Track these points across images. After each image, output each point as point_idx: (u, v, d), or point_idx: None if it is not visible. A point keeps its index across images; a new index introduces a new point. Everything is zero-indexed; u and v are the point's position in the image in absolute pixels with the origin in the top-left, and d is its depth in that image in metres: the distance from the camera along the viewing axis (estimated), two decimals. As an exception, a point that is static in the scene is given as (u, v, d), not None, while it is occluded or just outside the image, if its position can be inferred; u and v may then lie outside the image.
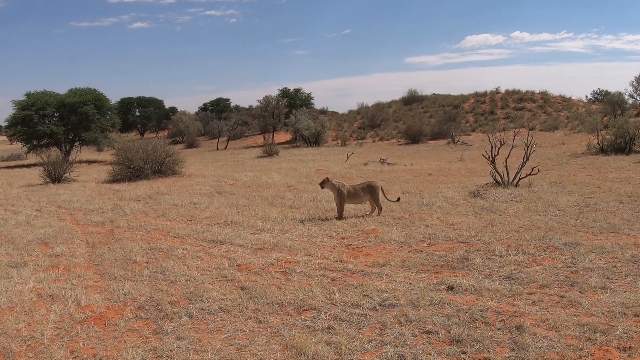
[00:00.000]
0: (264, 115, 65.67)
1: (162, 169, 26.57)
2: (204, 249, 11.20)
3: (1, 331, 7.25)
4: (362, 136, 58.00)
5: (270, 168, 30.27)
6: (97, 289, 8.90)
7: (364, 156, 36.17)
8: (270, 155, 41.39)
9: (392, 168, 27.20)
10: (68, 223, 14.81)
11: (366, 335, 6.63)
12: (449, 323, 6.82)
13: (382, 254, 10.23)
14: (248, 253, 10.72)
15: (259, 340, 6.65)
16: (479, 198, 15.65)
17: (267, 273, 9.32)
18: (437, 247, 10.57)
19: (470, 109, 60.72)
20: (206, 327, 7.13)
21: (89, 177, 28.91)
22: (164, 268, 9.81)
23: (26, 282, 9.33)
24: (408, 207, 14.81)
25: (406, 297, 7.79)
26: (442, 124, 52.28)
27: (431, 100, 67.72)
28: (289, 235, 12.15)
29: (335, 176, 22.73)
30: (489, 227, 11.98)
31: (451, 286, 8.13)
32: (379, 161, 30.69)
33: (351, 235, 11.94)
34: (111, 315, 7.63)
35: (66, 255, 11.20)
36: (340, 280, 8.77)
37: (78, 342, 6.84)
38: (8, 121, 45.21)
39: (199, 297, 8.21)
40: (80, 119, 44.51)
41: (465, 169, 25.14)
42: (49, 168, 26.44)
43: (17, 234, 13.36)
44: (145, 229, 13.54)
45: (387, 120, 62.32)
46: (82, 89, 47.02)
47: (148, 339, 6.84)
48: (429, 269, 9.19)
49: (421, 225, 12.47)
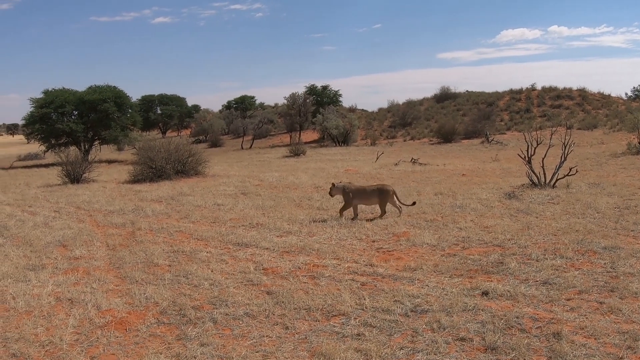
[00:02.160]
0: (291, 113, 65.67)
1: (185, 169, 26.63)
2: (229, 252, 11.24)
3: (19, 336, 7.33)
4: (393, 135, 57.87)
5: (297, 168, 30.31)
6: (118, 292, 8.97)
7: (394, 156, 36.14)
8: (297, 155, 41.43)
9: (424, 168, 27.14)
10: (88, 225, 14.92)
11: (397, 342, 6.63)
12: (483, 330, 6.80)
13: (413, 257, 10.22)
14: (274, 256, 10.75)
15: (286, 347, 6.67)
16: (515, 200, 15.57)
17: (294, 277, 9.34)
18: (471, 250, 10.53)
19: (505, 107, 60.22)
20: (231, 332, 7.17)
21: (109, 177, 29.11)
22: (187, 271, 9.86)
23: (44, 286, 9.41)
24: (441, 209, 14.77)
25: (439, 302, 7.79)
26: (476, 123, 52.02)
27: (464, 97, 67.34)
28: (317, 238, 12.15)
29: (365, 177, 22.82)
30: (525, 230, 11.92)
31: (486, 291, 8.11)
32: (411, 161, 30.64)
33: (381, 238, 11.93)
34: (132, 320, 7.69)
35: (86, 258, 11.30)
36: (371, 285, 8.77)
37: (98, 347, 6.90)
38: (26, 119, 45.61)
39: (223, 302, 8.24)
40: (100, 117, 44.82)
41: (500, 169, 25.06)
42: (67, 168, 26.62)
43: (35, 236, 13.49)
44: (167, 231, 13.62)
45: (419, 119, 62.10)
46: (102, 86, 47.36)
47: (171, 344, 6.89)
48: (463, 273, 9.17)
49: (454, 228, 12.44)
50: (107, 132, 45.25)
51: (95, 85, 47.52)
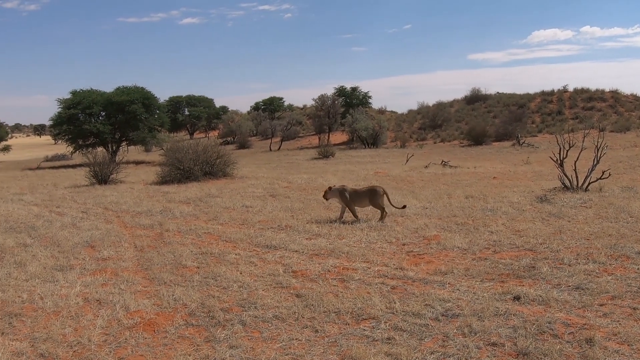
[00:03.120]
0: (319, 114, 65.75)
1: (213, 170, 26.76)
2: (258, 254, 11.26)
3: (47, 336, 7.39)
4: (423, 137, 57.80)
5: (326, 170, 30.38)
6: (146, 294, 9.02)
7: (424, 158, 36.11)
8: (326, 157, 41.50)
9: (454, 171, 27.08)
10: (115, 226, 15.02)
11: (428, 346, 6.62)
12: (515, 335, 6.77)
13: (444, 261, 10.19)
14: (303, 259, 10.76)
15: (316, 350, 6.68)
16: (547, 203, 15.47)
17: (324, 280, 9.35)
18: (502, 254, 10.48)
19: (536, 109, 59.99)
20: (260, 335, 7.18)
21: (137, 178, 29.30)
22: (215, 273, 9.89)
23: (72, 286, 9.49)
24: (471, 212, 14.73)
25: (470, 307, 7.76)
26: (507, 125, 51.87)
27: (495, 99, 67.11)
28: (346, 240, 12.15)
29: (395, 179, 22.80)
30: (557, 234, 11.85)
31: (517, 296, 8.07)
32: (441, 164, 30.63)
33: (412, 241, 11.90)
34: (161, 322, 7.74)
35: (114, 259, 11.38)
36: (401, 289, 8.76)
37: (126, 348, 6.95)
38: (53, 120, 45.95)
39: (252, 304, 8.26)
40: (127, 118, 45.09)
41: (531, 173, 24.96)
42: (95, 169, 26.85)
43: (63, 236, 13.60)
44: (195, 232, 13.67)
45: (449, 121, 62.01)
46: (129, 87, 47.66)
47: (199, 346, 6.92)
48: (494, 277, 9.13)
49: (485, 232, 12.39)
50: (134, 133, 45.51)
51: (123, 87, 47.88)
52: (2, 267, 10.91)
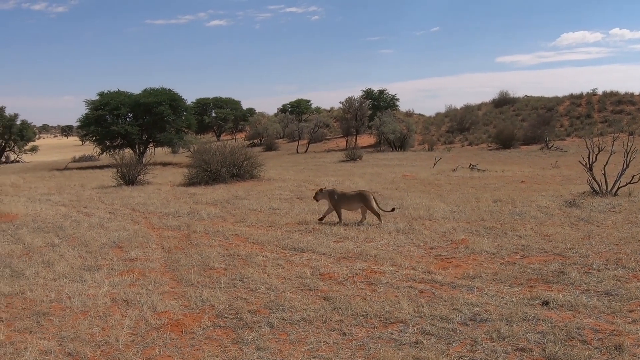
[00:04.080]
0: (347, 117, 65.75)
1: (240, 172, 26.80)
2: (285, 257, 11.28)
3: (75, 335, 7.46)
4: (450, 140, 57.67)
5: (354, 173, 30.38)
6: (174, 295, 9.08)
7: (452, 161, 36.04)
8: (353, 160, 41.50)
9: (482, 174, 27.02)
10: (143, 227, 15.11)
11: (456, 351, 6.61)
12: (543, 340, 6.74)
13: (472, 265, 10.17)
14: (331, 262, 10.77)
15: (343, 354, 6.69)
16: (575, 208, 15.40)
17: (352, 283, 9.35)
18: (530, 259, 10.44)
19: (565, 112, 59.56)
20: (287, 337, 7.20)
21: (164, 179, 29.41)
22: (243, 275, 9.92)
23: (100, 286, 9.56)
24: (500, 216, 14.68)
25: (498, 311, 7.74)
26: (535, 128, 51.64)
27: (523, 102, 66.74)
28: (374, 244, 12.15)
29: (422, 183, 22.78)
30: (586, 239, 11.78)
31: (546, 301, 8.04)
32: (469, 167, 30.53)
33: (440, 245, 11.89)
34: (188, 323, 7.78)
35: (141, 260, 11.45)
36: (429, 293, 8.75)
37: (154, 349, 7.00)
38: (81, 121, 46.21)
39: (280, 307, 8.28)
40: (154, 120, 45.26)
41: (560, 176, 24.87)
42: (122, 170, 26.99)
43: (91, 237, 13.70)
44: (223, 234, 13.70)
45: (477, 124, 61.79)
46: (157, 88, 47.81)
47: (227, 348, 6.95)
48: (523, 282, 9.10)
49: (514, 236, 12.34)
50: (161, 135, 45.65)
51: (150, 88, 48.01)
52: (30, 267, 11.01)
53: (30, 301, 8.94)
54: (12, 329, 7.80)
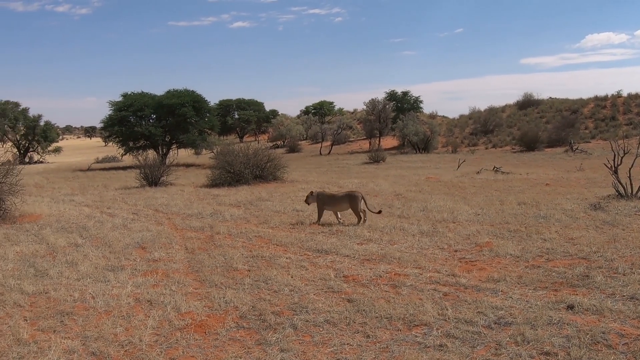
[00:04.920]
0: (370, 119, 65.73)
1: (263, 174, 26.92)
2: (309, 259, 11.29)
3: (98, 335, 7.51)
4: (474, 142, 57.55)
5: (377, 175, 30.35)
6: (197, 295, 9.10)
7: (476, 164, 35.92)
8: (377, 162, 41.47)
9: (506, 177, 26.90)
10: (166, 227, 15.18)
11: (480, 354, 6.59)
12: (568, 345, 6.71)
13: (497, 268, 10.13)
14: (355, 264, 10.76)
15: (367, 356, 6.68)
16: (600, 211, 15.31)
17: (376, 285, 9.34)
18: (555, 262, 10.40)
19: (589, 114, 59.20)
20: (311, 339, 7.20)
21: (187, 180, 29.53)
22: (266, 277, 9.94)
23: (124, 286, 9.62)
24: (524, 219, 14.62)
25: (523, 315, 7.71)
26: (559, 130, 51.43)
27: (548, 104, 66.49)
28: (398, 246, 12.13)
29: (446, 185, 22.72)
30: (611, 242, 11.71)
31: (571, 305, 8.00)
32: (493, 169, 30.41)
33: (464, 247, 11.86)
34: (212, 324, 7.80)
35: (164, 260, 11.50)
36: (453, 295, 8.73)
37: (177, 349, 7.02)
38: (104, 122, 46.40)
39: (303, 308, 8.29)
40: (178, 121, 45.37)
41: (584, 179, 24.71)
42: (145, 171, 27.16)
43: (114, 237, 13.77)
44: (246, 235, 13.75)
45: (501, 126, 61.55)
46: (180, 90, 47.93)
47: (250, 349, 6.96)
48: (547, 286, 9.06)
49: (538, 239, 12.29)
50: (185, 136, 45.74)
51: (173, 90, 48.14)
52: (54, 266, 11.09)
53: (54, 300, 9.01)
54: (36, 328, 7.86)
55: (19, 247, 13.01)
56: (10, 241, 13.68)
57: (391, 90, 75.31)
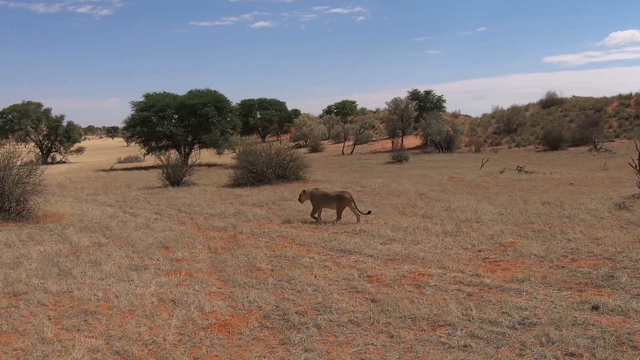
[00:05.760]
0: (393, 118, 65.61)
1: (286, 174, 26.96)
2: (332, 258, 11.32)
3: (122, 334, 7.55)
4: (497, 142, 57.25)
5: (400, 175, 30.28)
6: (221, 295, 9.14)
7: (499, 163, 35.75)
8: (400, 161, 41.35)
9: (530, 177, 26.78)
10: (189, 227, 15.24)
11: (505, 355, 6.58)
12: (593, 346, 6.69)
13: (521, 268, 10.11)
14: (378, 264, 10.77)
15: (391, 356, 6.68)
16: (625, 211, 15.25)
17: (399, 285, 9.35)
18: (580, 263, 10.37)
19: (613, 113, 58.47)
20: (335, 339, 7.22)
21: (209, 180, 29.57)
22: (290, 277, 9.97)
23: (147, 286, 9.67)
24: (548, 219, 14.60)
25: (547, 315, 7.70)
26: (583, 129, 50.98)
27: (571, 103, 65.82)
28: (422, 246, 12.13)
29: (469, 185, 22.67)
30: (636, 242, 11.67)
31: (596, 306, 7.97)
32: (516, 169, 30.29)
33: (488, 248, 11.85)
34: (236, 323, 7.83)
35: (188, 260, 11.55)
36: (477, 296, 8.73)
37: (201, 349, 7.06)
38: (126, 122, 46.55)
39: (327, 308, 8.31)
40: (200, 121, 45.44)
41: (609, 179, 24.58)
42: (168, 171, 27.24)
43: (137, 237, 13.85)
44: (269, 235, 13.79)
45: (524, 125, 61.13)
46: (202, 90, 47.98)
47: (274, 349, 6.99)
48: (572, 286, 9.04)
49: (562, 239, 12.26)
50: (207, 136, 45.80)
51: (195, 90, 48.22)
52: (77, 266, 11.17)
53: (77, 300, 9.07)
54: (60, 327, 7.91)
55: (43, 246, 13.10)
56: (33, 241, 13.77)
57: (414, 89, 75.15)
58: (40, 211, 17.70)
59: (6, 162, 17.27)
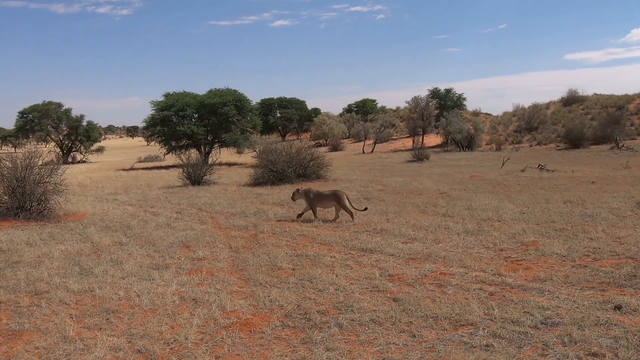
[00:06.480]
0: (413, 117, 65.70)
1: (306, 172, 27.00)
2: (353, 258, 11.32)
3: (144, 333, 7.59)
4: (518, 140, 57.19)
5: (421, 173, 30.26)
6: (242, 294, 9.17)
7: (520, 162, 35.66)
8: (420, 160, 41.34)
9: (551, 175, 26.75)
10: (210, 226, 15.28)
11: (527, 355, 6.57)
12: (616, 346, 6.66)
13: (543, 268, 10.08)
14: (400, 263, 10.77)
15: (413, 356, 6.68)
16: (648, 209, 15.15)
17: (421, 285, 9.35)
18: (602, 262, 10.32)
19: (635, 111, 58.16)
20: (357, 338, 7.22)
21: (230, 179, 29.65)
22: (311, 276, 9.98)
23: (168, 285, 9.71)
24: (570, 218, 14.55)
25: (570, 315, 7.67)
26: (605, 127, 50.82)
27: (592, 100, 65.69)
28: (443, 245, 12.12)
29: (491, 183, 22.63)
30: (659, 241, 11.61)
31: (618, 305, 7.94)
32: (538, 167, 30.22)
33: (509, 247, 11.82)
34: (257, 322, 7.85)
35: (209, 259, 11.59)
36: (499, 295, 8.71)
37: (223, 348, 7.08)
38: (146, 122, 46.77)
39: (349, 307, 8.32)
40: (220, 120, 45.55)
41: (631, 177, 24.50)
42: (188, 170, 27.32)
43: (158, 236, 13.90)
44: (290, 234, 13.81)
45: (545, 123, 61.05)
46: (222, 89, 48.11)
47: (296, 348, 7.00)
48: (594, 286, 9.01)
49: (585, 238, 12.21)
50: (227, 135, 45.92)
51: (215, 89, 48.34)
52: (98, 265, 11.23)
53: (99, 299, 9.12)
54: (81, 326, 7.96)
55: (64, 245, 13.16)
56: (55, 240, 13.85)
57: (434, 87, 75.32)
58: (61, 210, 17.82)
59: (27, 161, 17.39)
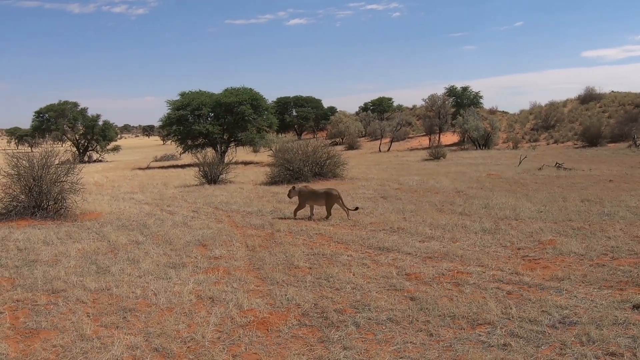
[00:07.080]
0: (429, 115, 65.62)
1: (323, 171, 27.00)
2: (370, 256, 11.31)
3: (161, 331, 7.63)
4: (535, 138, 56.98)
5: (438, 172, 30.22)
6: (259, 293, 9.19)
7: (537, 160, 35.51)
8: (437, 158, 41.29)
9: (569, 173, 26.64)
10: (226, 225, 15.30)
11: (545, 354, 6.56)
12: (634, 345, 6.64)
13: (561, 267, 10.06)
14: (417, 262, 10.77)
15: (430, 354, 6.68)
16: (666, 208, 15.08)
17: (438, 283, 9.35)
18: (620, 261, 10.29)
19: (653, 108, 58.01)
20: (374, 337, 7.23)
21: (246, 178, 29.70)
22: (328, 274, 9.99)
23: (185, 284, 9.75)
24: (588, 216, 14.52)
25: (588, 314, 7.66)
26: (622, 125, 50.47)
27: (610, 98, 65.28)
28: (460, 244, 12.11)
29: (508, 182, 22.57)
30: (678, 240, 11.54)
31: (637, 305, 7.92)
32: (555, 166, 30.11)
33: (527, 245, 11.80)
34: (274, 321, 7.87)
35: (225, 258, 11.61)
36: (517, 294, 8.70)
37: (240, 346, 7.10)
38: (162, 121, 46.90)
39: (366, 306, 8.32)
40: (236, 119, 45.63)
41: (648, 175, 24.31)
42: (204, 169, 27.37)
43: (175, 235, 13.94)
44: (306, 233, 13.82)
45: (562, 121, 60.79)
46: (238, 88, 48.19)
47: (313, 347, 7.01)
48: (612, 285, 8.98)
49: (603, 237, 12.18)
50: (243, 134, 46.00)
51: (231, 88, 48.42)
52: (115, 263, 11.27)
53: (116, 297, 9.16)
54: (98, 324, 8.00)
55: (81, 244, 13.23)
56: (72, 239, 13.91)
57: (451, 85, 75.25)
58: (77, 209, 17.88)
59: (44, 161, 17.48)
